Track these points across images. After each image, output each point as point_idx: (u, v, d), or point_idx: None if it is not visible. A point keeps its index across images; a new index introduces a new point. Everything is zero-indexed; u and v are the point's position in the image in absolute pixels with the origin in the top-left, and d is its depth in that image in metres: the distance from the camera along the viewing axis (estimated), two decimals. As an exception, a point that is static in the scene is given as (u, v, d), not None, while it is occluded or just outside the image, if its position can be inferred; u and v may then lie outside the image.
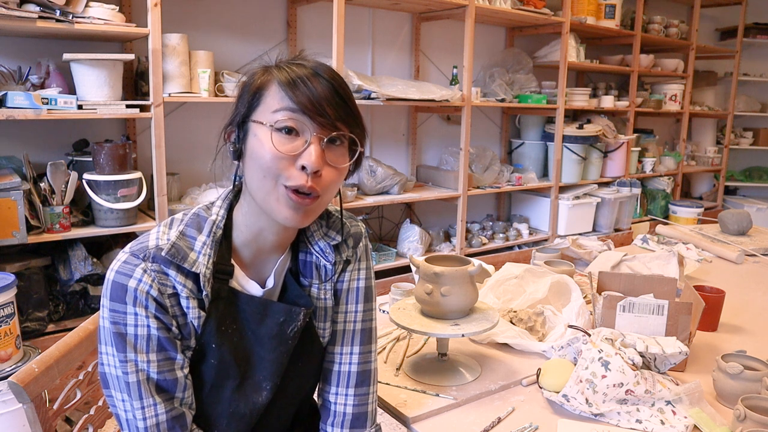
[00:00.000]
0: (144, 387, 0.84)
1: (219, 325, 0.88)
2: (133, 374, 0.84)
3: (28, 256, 2.24)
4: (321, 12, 3.11)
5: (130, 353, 0.83)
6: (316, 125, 0.82)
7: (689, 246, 2.22)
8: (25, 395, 0.95)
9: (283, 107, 0.81)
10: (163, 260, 0.84)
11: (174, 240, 0.85)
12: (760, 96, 5.71)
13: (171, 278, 0.85)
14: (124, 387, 0.84)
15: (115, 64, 2.30)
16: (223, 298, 0.89)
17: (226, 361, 0.90)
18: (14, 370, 1.90)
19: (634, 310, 1.31)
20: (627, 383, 1.09)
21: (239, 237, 0.91)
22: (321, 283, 0.97)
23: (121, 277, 0.83)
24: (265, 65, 0.88)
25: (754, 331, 1.53)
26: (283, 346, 0.93)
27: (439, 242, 3.55)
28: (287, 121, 0.81)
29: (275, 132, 0.82)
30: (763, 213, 5.08)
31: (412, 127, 3.71)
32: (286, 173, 0.82)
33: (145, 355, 0.84)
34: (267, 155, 0.81)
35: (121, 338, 0.83)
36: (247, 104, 0.85)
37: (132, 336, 0.83)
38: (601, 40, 4.54)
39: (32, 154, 2.40)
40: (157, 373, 0.85)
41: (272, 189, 0.83)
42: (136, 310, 0.83)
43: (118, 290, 0.83)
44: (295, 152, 0.82)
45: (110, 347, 0.84)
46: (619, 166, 4.33)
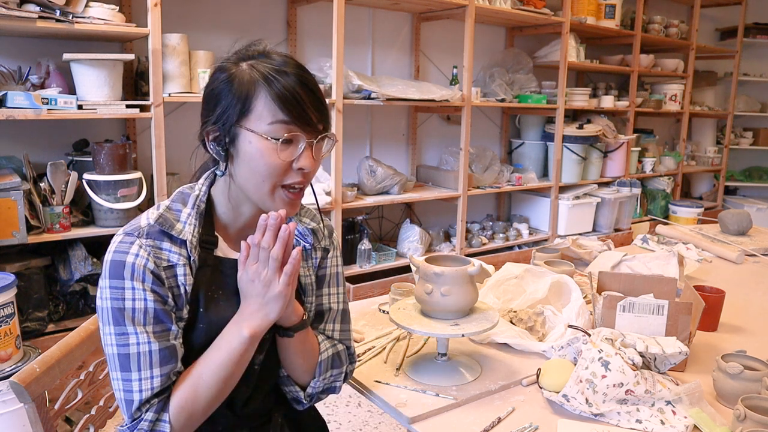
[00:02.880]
0: (142, 359, 0.87)
1: (206, 290, 0.94)
2: (133, 346, 0.87)
3: (28, 256, 2.24)
4: (321, 12, 3.12)
5: (129, 326, 0.87)
6: (307, 134, 0.92)
7: (689, 246, 2.22)
8: (27, 395, 0.95)
9: (278, 120, 0.89)
10: (156, 235, 0.91)
11: (162, 212, 0.93)
12: (760, 96, 5.71)
13: (165, 251, 0.91)
14: (122, 362, 0.87)
15: (115, 64, 2.30)
16: (209, 266, 0.95)
17: (213, 324, 0.93)
18: (14, 370, 1.90)
19: (634, 310, 1.31)
20: (627, 383, 1.09)
21: (221, 212, 0.99)
22: (302, 262, 1.05)
23: (119, 255, 0.88)
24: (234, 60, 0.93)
25: (754, 331, 1.53)
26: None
27: (439, 242, 3.56)
28: (285, 134, 0.89)
29: (270, 141, 0.89)
30: (763, 213, 5.08)
31: (412, 127, 3.71)
32: (284, 176, 0.92)
33: (143, 327, 0.87)
34: (269, 165, 0.90)
35: (119, 313, 0.87)
36: (237, 111, 0.90)
37: (130, 310, 0.87)
38: (601, 40, 4.54)
39: (32, 154, 2.40)
40: (156, 344, 0.88)
41: (270, 191, 0.92)
42: (134, 284, 0.87)
43: (117, 267, 0.88)
44: (292, 158, 0.91)
45: (110, 326, 0.87)
46: (619, 166, 4.34)
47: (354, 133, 3.42)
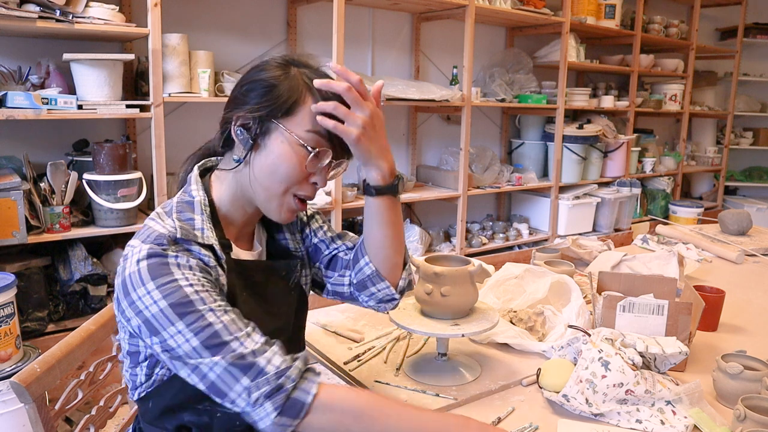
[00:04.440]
0: (231, 326, 0.82)
1: (233, 294, 0.92)
2: (217, 323, 0.81)
3: (28, 256, 2.24)
4: (321, 12, 3.12)
5: (201, 306, 0.81)
6: (334, 154, 0.94)
7: (689, 246, 2.22)
8: (27, 395, 0.95)
9: (317, 131, 0.91)
10: (183, 241, 0.88)
11: (179, 224, 0.89)
12: (760, 96, 5.71)
13: (196, 253, 0.88)
14: (208, 345, 0.80)
15: (115, 64, 2.30)
16: (231, 270, 0.93)
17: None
18: (14, 370, 1.90)
19: (634, 310, 1.31)
20: (627, 383, 1.09)
21: (225, 217, 0.98)
22: (292, 235, 1.09)
23: (157, 258, 0.83)
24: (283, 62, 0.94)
25: (754, 331, 1.53)
26: (289, 298, 1.04)
27: (439, 242, 3.56)
28: (319, 149, 0.91)
29: (304, 150, 0.90)
30: (763, 213, 5.09)
31: (412, 127, 3.71)
32: (299, 185, 0.93)
33: (214, 302, 0.83)
34: (292, 168, 0.91)
35: (183, 304, 0.81)
36: (283, 107, 0.91)
37: (193, 292, 0.82)
38: (601, 40, 4.54)
39: (32, 154, 2.40)
40: (231, 312, 0.84)
41: (280, 195, 0.93)
42: (184, 273, 0.83)
43: (159, 267, 0.82)
44: (313, 170, 0.93)
45: (177, 323, 0.80)
46: (619, 166, 4.34)
47: (354, 133, 3.41)
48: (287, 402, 0.79)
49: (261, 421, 0.79)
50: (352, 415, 0.81)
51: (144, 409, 0.95)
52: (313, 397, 0.80)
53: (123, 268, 0.85)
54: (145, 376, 0.92)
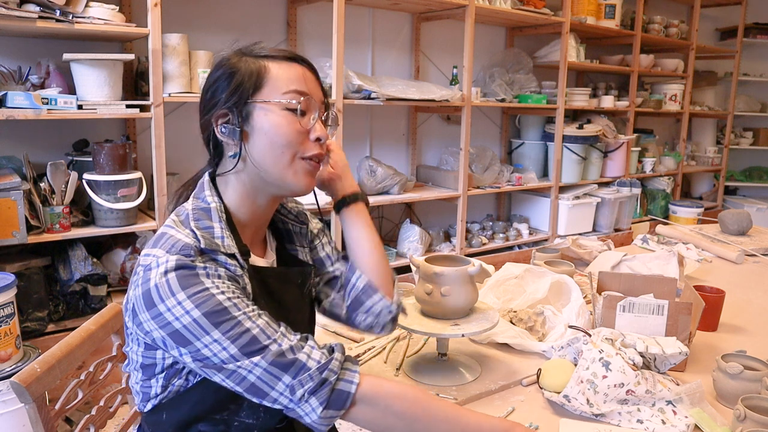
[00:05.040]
0: (267, 329, 0.82)
1: (258, 300, 0.91)
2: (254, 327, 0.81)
3: (28, 256, 2.24)
4: (321, 12, 3.12)
5: (236, 313, 0.81)
6: (318, 104, 0.95)
7: (689, 246, 2.22)
8: (27, 395, 0.95)
9: (293, 90, 0.91)
10: (209, 251, 0.86)
11: (200, 234, 0.87)
12: (760, 96, 5.71)
13: (222, 263, 0.86)
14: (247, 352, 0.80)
15: (115, 64, 2.30)
16: (252, 277, 0.92)
17: None
18: (14, 370, 1.90)
19: (634, 310, 1.31)
20: (628, 383, 1.09)
21: (240, 219, 0.96)
22: (302, 248, 1.08)
23: (185, 269, 0.81)
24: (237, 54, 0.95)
25: (754, 331, 1.53)
26: (305, 305, 1.04)
27: (439, 242, 3.56)
28: (301, 101, 0.91)
29: (287, 112, 0.91)
30: (763, 213, 5.09)
31: (412, 127, 3.72)
32: (303, 146, 0.93)
33: (247, 307, 0.83)
34: (288, 133, 0.91)
35: (216, 311, 0.80)
36: (251, 87, 0.91)
37: (226, 299, 0.81)
38: (601, 40, 4.54)
39: (32, 154, 2.40)
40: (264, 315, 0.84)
41: (289, 162, 0.92)
42: (214, 282, 0.82)
43: (188, 277, 0.81)
44: (308, 127, 0.93)
45: (213, 332, 0.79)
46: (619, 166, 4.34)
47: (354, 133, 3.42)
48: (332, 395, 0.81)
49: (307, 416, 0.81)
50: (395, 412, 0.83)
51: (155, 419, 0.92)
52: (356, 386, 0.83)
53: (146, 279, 0.81)
54: (160, 388, 0.89)
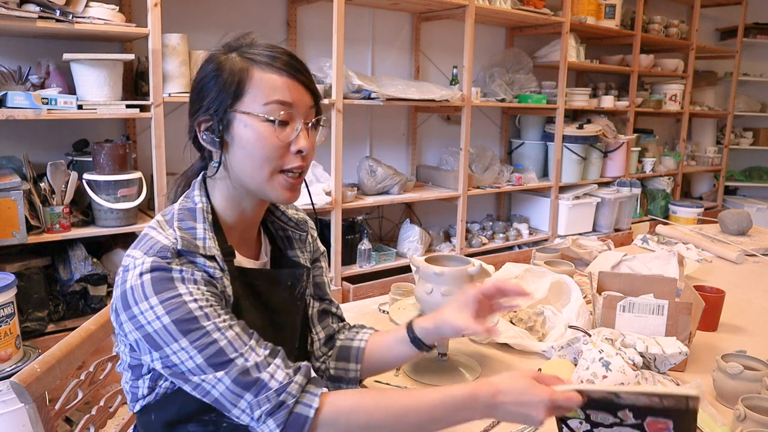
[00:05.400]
0: (236, 342, 0.81)
1: (242, 302, 0.92)
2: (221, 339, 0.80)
3: (28, 256, 2.24)
4: (321, 12, 3.11)
5: (206, 323, 0.80)
6: (302, 114, 0.90)
7: (689, 246, 2.22)
8: (27, 395, 0.95)
9: (273, 101, 0.88)
10: (187, 253, 0.85)
11: (180, 234, 0.86)
12: (760, 96, 5.71)
13: (200, 265, 0.86)
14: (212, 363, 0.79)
15: (115, 64, 2.30)
16: (236, 278, 0.91)
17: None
18: (14, 370, 1.90)
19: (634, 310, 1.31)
20: (628, 383, 1.09)
21: (225, 221, 0.95)
22: (302, 252, 1.07)
23: (161, 272, 0.81)
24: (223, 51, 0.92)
25: (754, 331, 1.53)
26: (294, 308, 1.01)
27: (439, 242, 3.56)
28: (281, 113, 0.88)
29: (268, 123, 0.88)
30: (763, 213, 5.09)
31: (412, 127, 3.72)
32: (283, 160, 0.90)
33: (219, 317, 0.82)
34: (266, 147, 0.88)
35: (186, 320, 0.79)
36: (231, 95, 0.89)
37: (197, 308, 0.81)
38: (601, 40, 4.54)
39: (32, 154, 2.40)
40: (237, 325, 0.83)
41: (269, 176, 0.90)
42: (188, 287, 0.82)
43: (163, 281, 0.81)
44: (288, 140, 0.89)
45: (181, 340, 0.79)
46: (619, 166, 4.34)
47: (354, 133, 3.42)
48: (289, 418, 0.79)
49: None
50: (360, 425, 0.82)
51: (145, 420, 0.92)
52: (316, 411, 0.80)
53: (123, 280, 0.82)
54: (147, 389, 0.89)
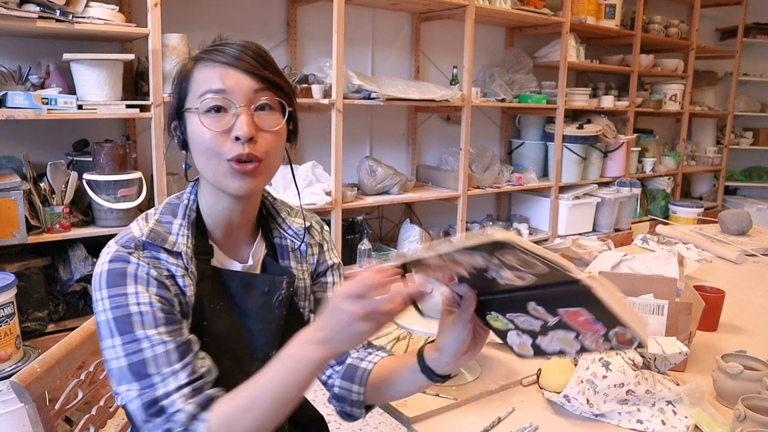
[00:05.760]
0: (161, 359, 0.82)
1: (208, 303, 0.92)
2: (147, 350, 0.81)
3: (28, 256, 2.24)
4: (321, 12, 3.11)
5: (139, 331, 0.82)
6: (239, 99, 0.87)
7: (689, 246, 2.22)
8: (27, 395, 0.95)
9: (207, 90, 0.87)
10: (152, 247, 0.88)
11: (152, 226, 0.90)
12: (760, 96, 5.71)
13: (163, 261, 0.88)
14: (137, 370, 0.81)
15: (115, 64, 2.30)
16: (208, 277, 0.92)
17: (219, 338, 0.92)
18: (14, 370, 1.90)
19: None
20: (628, 383, 1.09)
21: (208, 219, 0.96)
22: (298, 264, 1.03)
23: (118, 264, 0.85)
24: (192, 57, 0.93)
25: (754, 331, 1.53)
26: (271, 315, 0.97)
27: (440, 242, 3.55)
28: (212, 101, 0.87)
29: (204, 115, 0.87)
30: (763, 213, 5.09)
31: (412, 127, 3.71)
32: (224, 148, 0.87)
33: (154, 329, 0.83)
34: (204, 138, 0.87)
35: (125, 321, 0.82)
36: (178, 96, 0.91)
37: (137, 314, 0.83)
38: (601, 40, 4.54)
39: (32, 154, 2.39)
40: (171, 342, 0.83)
41: (217, 167, 0.88)
42: (137, 288, 0.84)
43: (116, 276, 0.84)
44: (226, 127, 0.87)
45: (115, 338, 0.82)
46: (619, 166, 4.34)
47: (354, 133, 3.42)
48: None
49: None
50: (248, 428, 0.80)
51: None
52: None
53: (96, 265, 0.88)
54: None
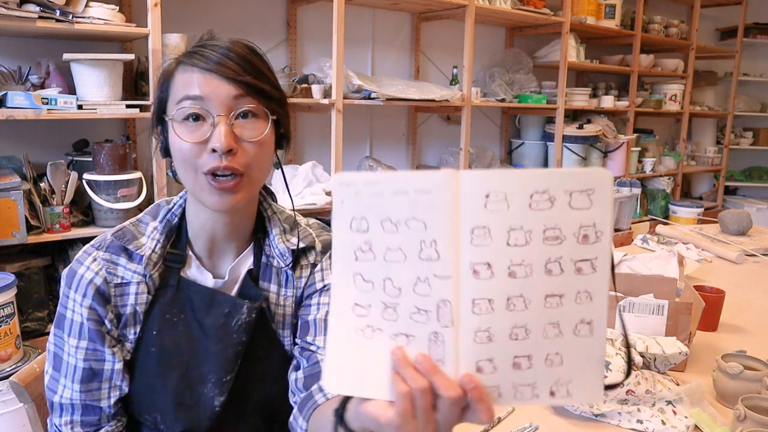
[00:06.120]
0: (69, 369, 0.88)
1: (164, 312, 0.89)
2: (65, 353, 0.89)
3: (28, 256, 2.24)
4: (321, 12, 3.11)
5: (65, 334, 0.89)
6: (217, 107, 0.80)
7: (689, 246, 2.22)
8: (27, 395, 0.95)
9: (184, 96, 0.81)
10: (115, 249, 0.88)
11: (126, 225, 0.91)
12: (760, 96, 5.71)
13: (120, 266, 0.88)
14: (56, 362, 0.89)
15: (115, 64, 2.30)
16: (171, 286, 0.90)
17: (168, 351, 0.89)
18: (14, 370, 1.90)
19: (634, 310, 1.31)
20: (628, 383, 1.09)
21: (190, 227, 0.92)
22: (280, 288, 0.95)
23: (75, 264, 0.89)
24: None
25: (754, 331, 1.53)
26: (228, 338, 0.89)
27: (439, 242, 3.55)
28: (189, 109, 0.81)
29: (181, 124, 0.82)
30: (763, 213, 5.08)
31: (412, 127, 3.71)
32: (201, 160, 0.81)
33: (75, 340, 0.88)
34: (181, 148, 0.82)
35: (62, 318, 0.89)
36: (159, 100, 0.86)
37: (69, 320, 0.88)
38: (601, 40, 4.54)
39: (32, 154, 2.39)
40: (83, 361, 0.87)
41: (195, 179, 0.83)
42: (75, 296, 0.88)
43: (69, 276, 0.89)
44: (203, 138, 0.81)
45: (54, 327, 0.90)
46: (619, 166, 4.34)
47: (354, 133, 3.42)
48: None
49: None
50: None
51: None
52: None
53: None
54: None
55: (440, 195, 0.52)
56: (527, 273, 0.52)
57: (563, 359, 0.54)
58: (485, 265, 0.52)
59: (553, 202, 0.52)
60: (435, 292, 0.53)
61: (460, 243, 0.53)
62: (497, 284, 0.53)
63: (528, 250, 0.52)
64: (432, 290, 0.53)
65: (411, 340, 0.55)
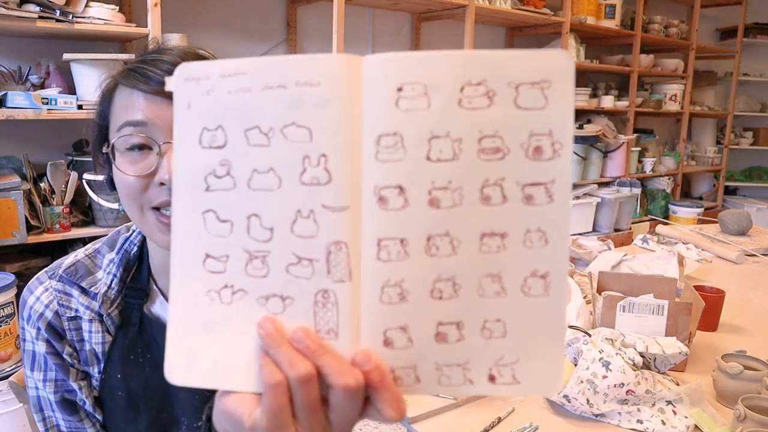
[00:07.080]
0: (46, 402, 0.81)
1: (128, 353, 0.80)
2: (31, 389, 0.82)
3: (28, 256, 2.24)
4: (321, 12, 3.11)
5: (29, 371, 0.81)
6: (163, 133, 0.68)
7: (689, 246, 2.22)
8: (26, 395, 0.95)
9: (125, 122, 0.70)
10: (68, 281, 0.79)
11: (80, 258, 0.81)
12: (760, 96, 5.71)
13: (74, 299, 0.79)
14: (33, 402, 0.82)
15: (115, 64, 2.29)
16: (133, 324, 0.80)
17: (135, 395, 0.80)
18: (14, 370, 1.90)
19: (634, 310, 1.31)
20: (628, 383, 1.09)
21: (152, 262, 0.82)
22: None
23: (26, 293, 0.81)
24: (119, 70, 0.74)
25: (754, 331, 1.53)
26: None
27: (439, 242, 3.55)
28: (132, 137, 0.69)
29: (124, 154, 0.70)
30: (763, 213, 5.08)
31: (412, 127, 3.71)
32: (147, 195, 0.70)
33: (41, 374, 0.80)
34: (125, 182, 0.71)
35: (25, 353, 0.81)
36: (98, 127, 0.76)
37: (30, 353, 0.80)
38: (601, 40, 4.54)
39: (32, 154, 2.39)
40: (53, 394, 0.80)
41: (141, 216, 0.72)
42: (29, 329, 0.80)
43: (22, 305, 0.81)
44: (149, 170, 0.69)
45: (24, 365, 0.83)
46: (619, 166, 4.33)
47: (354, 133, 3.42)
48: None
49: None
50: None
51: None
52: None
53: None
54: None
55: (333, 89, 0.38)
56: (455, 201, 0.37)
57: (506, 329, 0.38)
58: (396, 189, 0.37)
59: (492, 99, 0.38)
60: (323, 232, 0.37)
61: (362, 158, 0.37)
62: (413, 217, 0.37)
63: (456, 168, 0.37)
64: (319, 229, 0.38)
65: (288, 305, 0.39)
